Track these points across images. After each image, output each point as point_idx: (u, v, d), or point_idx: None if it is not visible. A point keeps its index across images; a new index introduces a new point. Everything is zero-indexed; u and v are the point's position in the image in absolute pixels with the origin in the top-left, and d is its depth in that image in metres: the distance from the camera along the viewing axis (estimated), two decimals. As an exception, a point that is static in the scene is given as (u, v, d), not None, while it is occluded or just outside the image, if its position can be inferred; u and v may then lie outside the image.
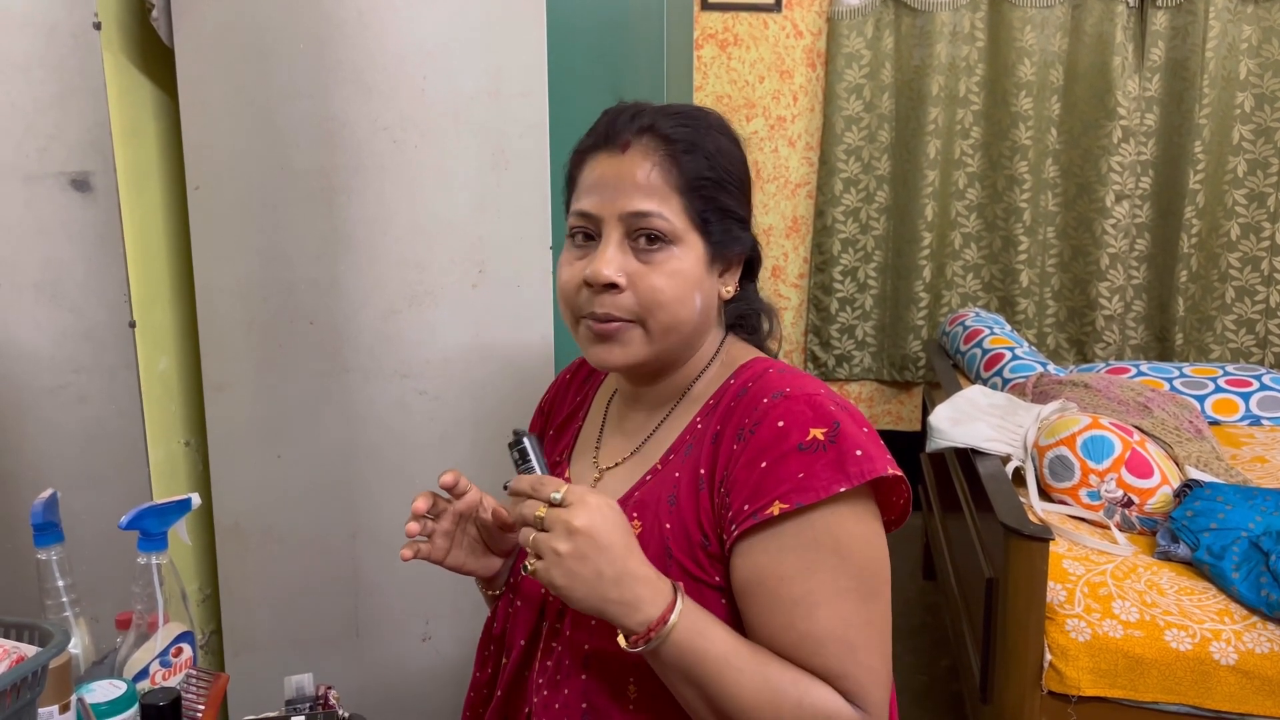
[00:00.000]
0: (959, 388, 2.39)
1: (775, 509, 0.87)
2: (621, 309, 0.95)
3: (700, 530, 0.92)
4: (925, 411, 2.85)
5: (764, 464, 0.89)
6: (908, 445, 3.13)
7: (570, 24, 1.59)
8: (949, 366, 2.86)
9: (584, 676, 0.95)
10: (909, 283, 3.44)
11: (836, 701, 0.87)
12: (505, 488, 0.89)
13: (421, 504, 1.00)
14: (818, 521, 0.87)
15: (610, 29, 1.71)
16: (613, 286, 0.94)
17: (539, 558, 0.85)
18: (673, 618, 0.84)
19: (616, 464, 1.05)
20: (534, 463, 0.91)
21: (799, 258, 3.54)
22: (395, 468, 1.54)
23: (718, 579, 0.92)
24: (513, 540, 1.09)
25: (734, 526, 0.89)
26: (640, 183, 0.94)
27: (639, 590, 0.84)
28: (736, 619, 0.92)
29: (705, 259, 0.97)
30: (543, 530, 0.85)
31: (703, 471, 0.94)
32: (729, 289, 1.02)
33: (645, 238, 0.94)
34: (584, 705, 0.95)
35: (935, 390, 2.84)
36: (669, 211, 0.94)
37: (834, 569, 0.88)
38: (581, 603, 0.85)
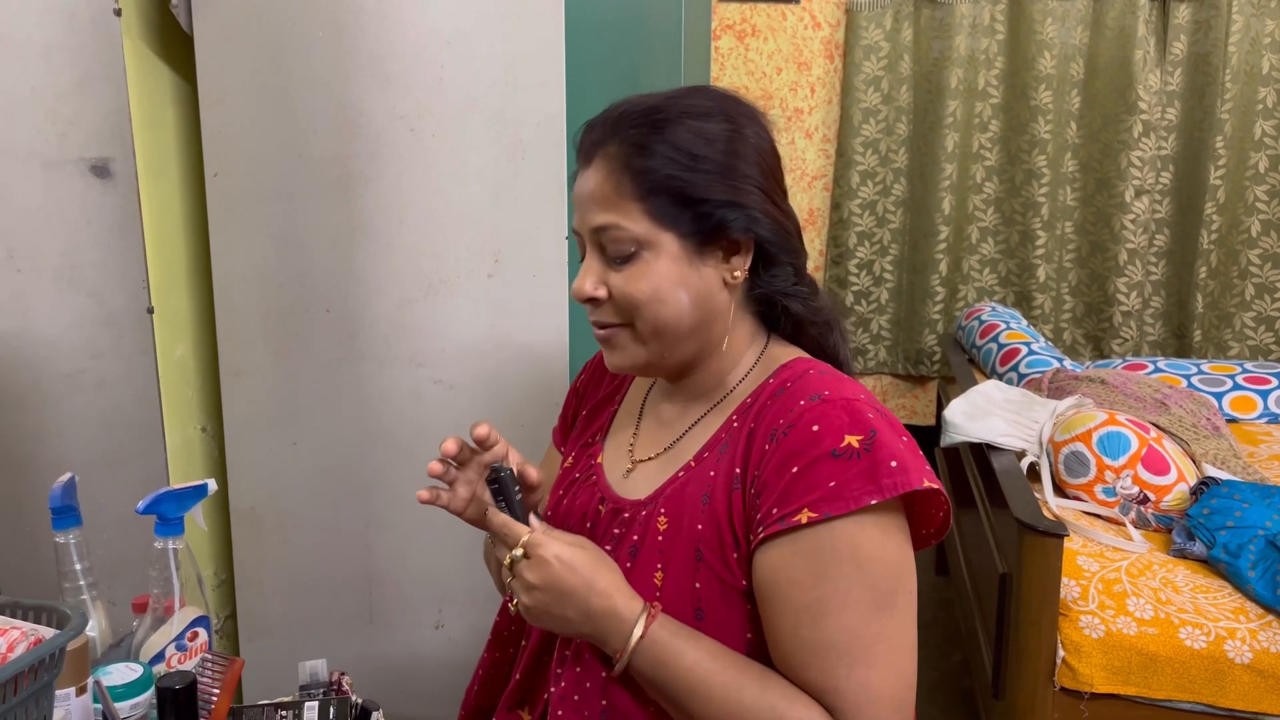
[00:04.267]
0: (974, 382, 2.38)
1: (804, 517, 0.84)
2: (610, 317, 0.97)
3: (732, 531, 0.91)
4: (940, 406, 2.84)
5: (795, 468, 0.86)
6: (922, 440, 3.10)
7: (588, 14, 1.59)
8: (964, 361, 2.84)
9: (605, 674, 0.94)
10: (925, 276, 3.42)
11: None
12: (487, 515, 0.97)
13: (450, 446, 1.00)
14: (838, 529, 0.85)
15: (628, 19, 1.71)
16: (594, 300, 0.96)
17: None
18: (627, 651, 0.89)
19: (650, 458, 1.03)
20: (506, 501, 0.95)
21: (814, 250, 3.52)
22: (410, 456, 1.54)
23: (744, 583, 0.90)
24: (536, 500, 1.08)
25: (760, 529, 0.88)
26: (597, 197, 0.94)
27: (604, 625, 0.90)
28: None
29: (684, 254, 0.93)
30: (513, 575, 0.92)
31: (738, 470, 0.92)
32: (738, 273, 0.96)
33: (614, 248, 0.95)
34: (604, 702, 0.94)
35: (950, 385, 2.82)
36: (626, 220, 0.93)
37: (848, 579, 0.85)
38: (563, 633, 0.95)
